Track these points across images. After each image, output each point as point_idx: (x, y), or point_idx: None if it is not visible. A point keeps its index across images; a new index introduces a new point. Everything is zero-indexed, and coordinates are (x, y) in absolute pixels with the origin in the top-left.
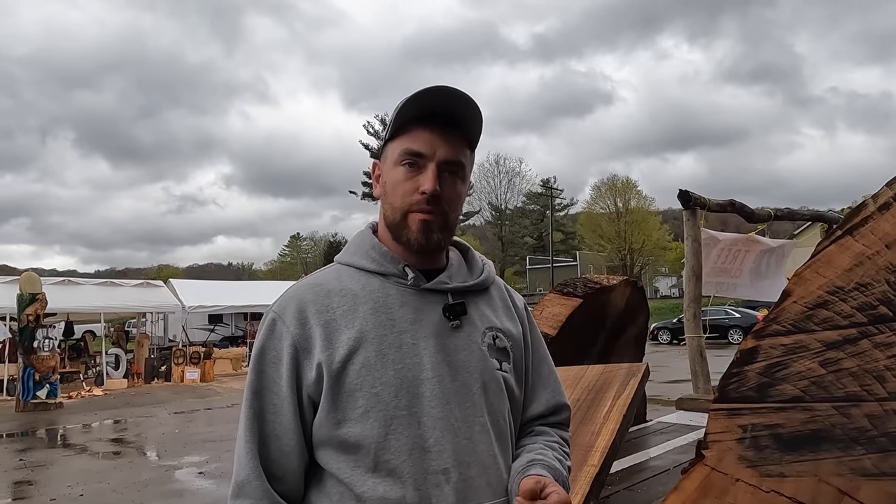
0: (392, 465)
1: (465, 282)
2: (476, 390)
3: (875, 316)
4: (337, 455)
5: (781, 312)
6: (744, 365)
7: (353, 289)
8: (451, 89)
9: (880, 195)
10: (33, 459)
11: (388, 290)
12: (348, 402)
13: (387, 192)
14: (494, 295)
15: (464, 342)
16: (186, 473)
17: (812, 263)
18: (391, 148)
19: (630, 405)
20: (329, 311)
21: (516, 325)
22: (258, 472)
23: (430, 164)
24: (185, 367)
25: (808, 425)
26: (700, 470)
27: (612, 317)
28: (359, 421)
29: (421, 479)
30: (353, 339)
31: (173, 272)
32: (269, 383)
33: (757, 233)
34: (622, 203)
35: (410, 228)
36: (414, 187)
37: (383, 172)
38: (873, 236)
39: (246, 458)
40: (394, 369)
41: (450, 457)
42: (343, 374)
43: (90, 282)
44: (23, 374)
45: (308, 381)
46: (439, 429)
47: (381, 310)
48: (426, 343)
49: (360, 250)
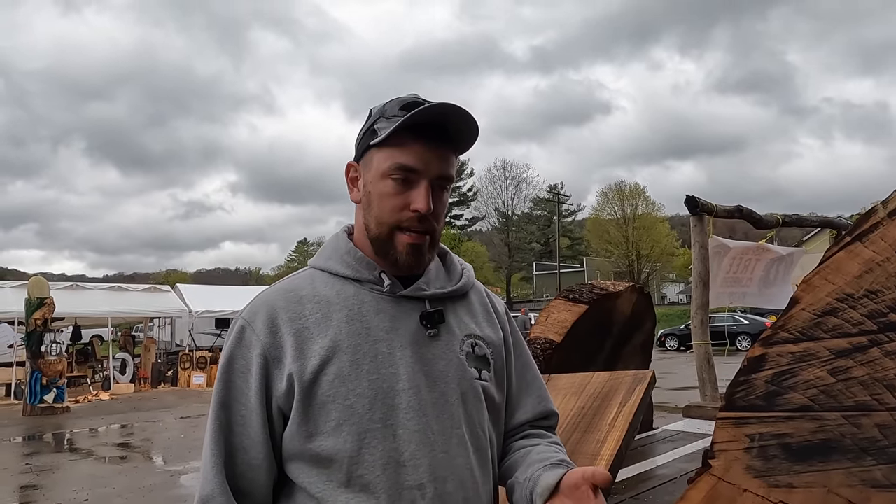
0: (366, 479)
1: (443, 288)
2: (454, 401)
3: (885, 324)
4: (308, 469)
5: (790, 320)
6: (751, 373)
7: (326, 295)
8: (456, 108)
9: (890, 200)
10: (39, 464)
11: (364, 297)
12: (320, 414)
13: (371, 204)
14: (474, 300)
15: (442, 351)
16: (192, 479)
17: (821, 270)
18: (379, 157)
19: (636, 413)
20: (301, 319)
21: (497, 332)
22: (223, 488)
23: (423, 180)
24: (191, 371)
25: (818, 435)
26: (707, 480)
27: (619, 323)
28: (331, 434)
29: (395, 494)
30: (325, 349)
31: (181, 277)
32: (237, 394)
33: (766, 240)
34: (630, 209)
35: (398, 249)
36: (404, 203)
37: (367, 181)
38: (883, 242)
39: (211, 473)
40: (368, 380)
41: (426, 471)
42: (315, 386)
43: (98, 286)
44: (30, 378)
45: (278, 392)
46: (415, 442)
47: (356, 318)
48: (402, 353)
49: (335, 254)
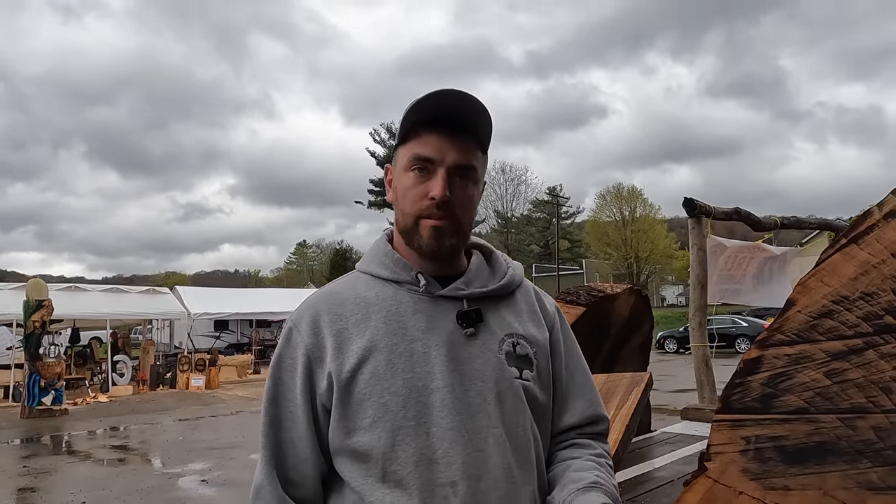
0: (399, 475)
1: (484, 287)
2: (490, 400)
3: (881, 326)
4: (349, 463)
5: (786, 322)
6: (747, 375)
7: (367, 297)
8: (457, 92)
9: (886, 203)
10: (37, 466)
11: (402, 297)
12: (357, 411)
13: (398, 198)
14: (520, 299)
15: (479, 350)
16: (190, 481)
17: (816, 272)
18: (401, 153)
19: (633, 415)
20: (342, 320)
21: (542, 331)
22: (272, 478)
23: (440, 169)
24: (190, 374)
25: (813, 437)
26: (703, 482)
27: (617, 325)
28: (367, 431)
29: (428, 491)
30: (363, 349)
31: (180, 279)
32: (285, 391)
33: (764, 241)
34: (628, 211)
35: (422, 235)
36: (423, 193)
37: (394, 177)
38: (879, 245)
39: (261, 464)
40: (403, 378)
41: (459, 469)
42: (352, 384)
43: (96, 288)
44: (28, 381)
45: (320, 389)
46: (448, 440)
47: (393, 318)
48: (438, 352)
49: (375, 258)
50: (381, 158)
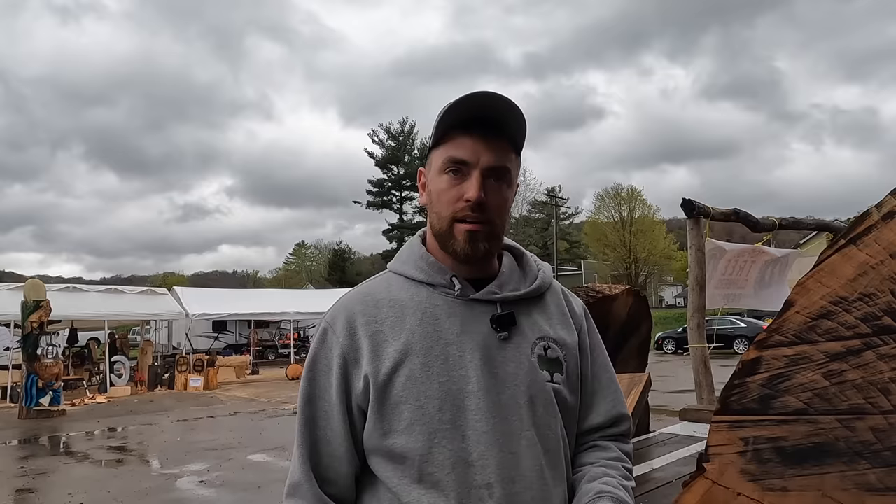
0: (436, 477)
1: (516, 290)
2: (523, 403)
3: (879, 327)
4: (385, 464)
5: (784, 323)
6: (746, 376)
7: (401, 299)
8: (491, 93)
9: (884, 203)
10: (35, 467)
11: (436, 300)
12: (394, 413)
13: (432, 201)
14: (550, 302)
15: (512, 354)
16: (187, 482)
17: (815, 273)
18: (435, 155)
19: (631, 416)
20: (377, 323)
21: (571, 334)
22: (308, 475)
23: (475, 171)
24: (188, 374)
25: (812, 438)
26: (701, 483)
27: (615, 326)
28: (404, 433)
29: (464, 493)
30: (399, 352)
31: (179, 280)
32: (320, 391)
33: (763, 242)
34: (627, 212)
35: (457, 239)
36: (458, 195)
37: (428, 180)
38: (877, 245)
39: (298, 462)
40: (438, 382)
41: (494, 471)
42: (389, 387)
43: (94, 289)
44: (26, 381)
45: (356, 391)
46: (483, 443)
47: (428, 321)
48: (472, 356)
49: (409, 259)
50: (380, 159)
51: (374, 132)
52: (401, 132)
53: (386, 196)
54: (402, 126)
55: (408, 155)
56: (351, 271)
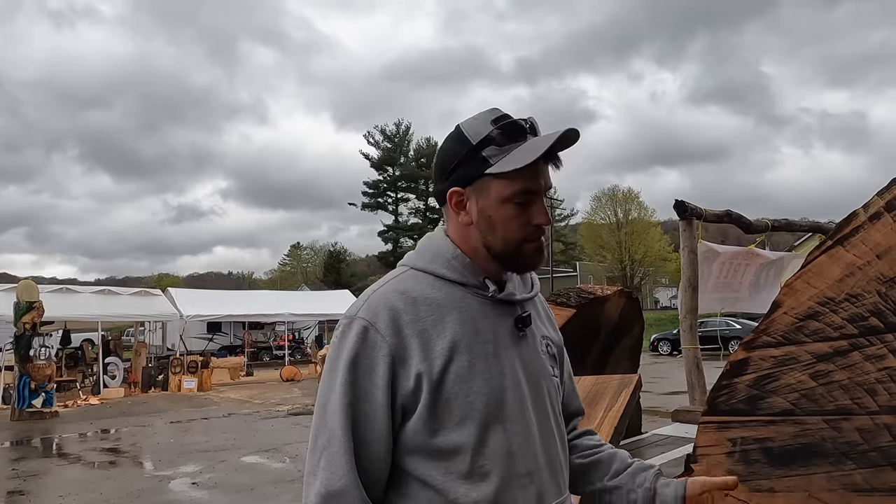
0: (486, 469)
1: (524, 293)
2: (545, 396)
3: (866, 328)
4: (428, 462)
5: (772, 324)
6: (734, 377)
7: (436, 298)
8: (574, 133)
9: (871, 205)
10: (26, 469)
11: (469, 300)
12: (444, 410)
13: (496, 227)
14: (538, 304)
15: (531, 351)
16: (180, 484)
17: (803, 274)
18: (498, 185)
19: (621, 417)
20: (421, 321)
21: (557, 333)
22: (356, 482)
23: (540, 198)
24: (182, 376)
25: (799, 439)
26: None
27: (607, 327)
28: (455, 429)
29: (508, 481)
30: (447, 350)
31: (173, 281)
32: (362, 392)
33: (756, 244)
34: (623, 214)
35: (526, 256)
36: (527, 220)
37: (485, 206)
38: (864, 246)
39: (345, 468)
40: (482, 378)
41: (532, 460)
42: (441, 385)
43: (88, 290)
44: (18, 383)
45: (404, 390)
46: (522, 434)
47: (467, 321)
48: (506, 353)
49: (439, 258)
50: (376, 160)
51: (369, 134)
52: (396, 134)
53: (381, 197)
54: (398, 128)
55: (403, 157)
56: (346, 273)
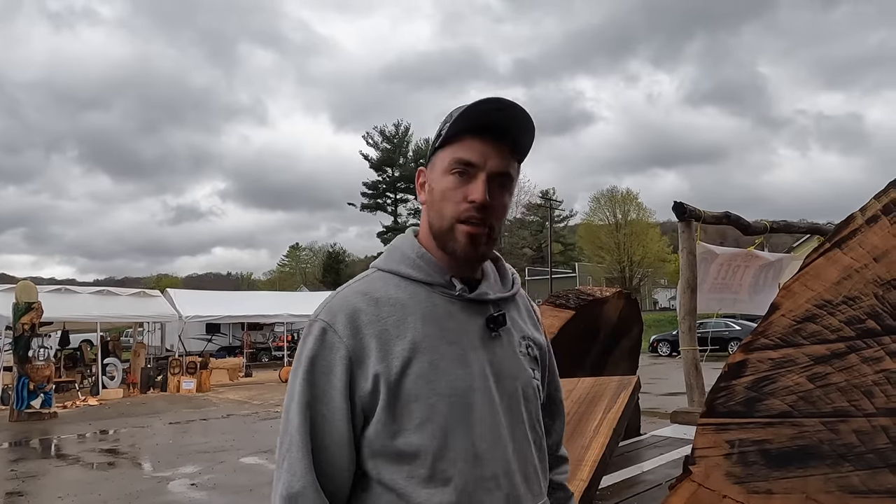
0: (448, 473)
1: (501, 292)
2: (518, 398)
3: (863, 330)
4: (389, 465)
5: (770, 326)
6: (732, 379)
7: (400, 298)
8: (508, 101)
9: (868, 207)
10: (25, 470)
11: (435, 300)
12: (405, 413)
13: (434, 200)
14: (521, 304)
15: (505, 352)
16: (179, 485)
17: (800, 276)
18: (440, 156)
19: (620, 418)
20: (381, 321)
21: (541, 335)
22: (315, 485)
23: (481, 173)
24: (181, 377)
25: (796, 441)
26: (687, 486)
27: (606, 329)
28: (415, 431)
29: (473, 485)
30: (407, 350)
31: (172, 282)
32: (319, 394)
33: (755, 246)
34: (621, 215)
35: (458, 240)
36: (463, 196)
37: (430, 180)
38: (861, 249)
39: (303, 470)
40: (446, 380)
41: (499, 464)
42: (400, 386)
43: (87, 290)
44: (17, 384)
45: (362, 392)
46: (489, 438)
47: (431, 320)
48: (474, 353)
49: (405, 258)
50: (375, 161)
51: (368, 134)
52: (395, 135)
53: (380, 198)
54: (397, 128)
55: (402, 157)
56: (345, 273)
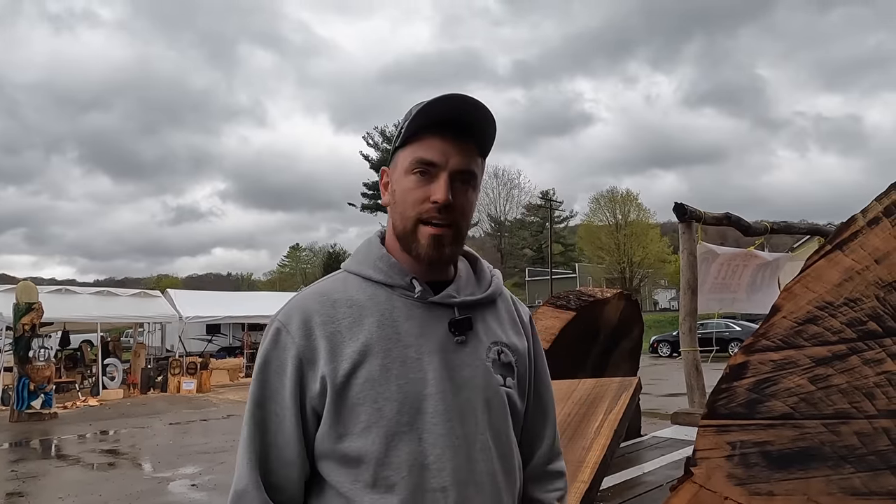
0: (391, 481)
1: (472, 295)
2: (479, 407)
3: (864, 332)
4: (338, 468)
5: (771, 328)
6: (733, 381)
7: (359, 300)
8: (465, 97)
9: (869, 209)
10: (25, 470)
11: (395, 302)
12: (350, 416)
13: (396, 201)
14: (501, 308)
15: (469, 358)
16: (179, 485)
17: (802, 278)
18: (402, 156)
19: (621, 420)
20: (334, 323)
21: (522, 340)
22: (257, 483)
23: (443, 173)
24: (181, 377)
25: (798, 443)
26: (688, 487)
27: (606, 330)
28: (360, 435)
29: (419, 495)
30: (357, 353)
31: (172, 282)
32: (271, 393)
33: (756, 246)
34: (621, 215)
35: (420, 242)
36: (425, 196)
37: (392, 180)
38: (863, 251)
39: (246, 468)
40: (397, 384)
41: (449, 475)
42: (346, 388)
43: (87, 291)
44: (17, 384)
45: (312, 393)
46: (440, 446)
47: (387, 323)
48: (430, 358)
49: (367, 259)
50: (375, 162)
51: (368, 135)
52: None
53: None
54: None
55: None
56: None
